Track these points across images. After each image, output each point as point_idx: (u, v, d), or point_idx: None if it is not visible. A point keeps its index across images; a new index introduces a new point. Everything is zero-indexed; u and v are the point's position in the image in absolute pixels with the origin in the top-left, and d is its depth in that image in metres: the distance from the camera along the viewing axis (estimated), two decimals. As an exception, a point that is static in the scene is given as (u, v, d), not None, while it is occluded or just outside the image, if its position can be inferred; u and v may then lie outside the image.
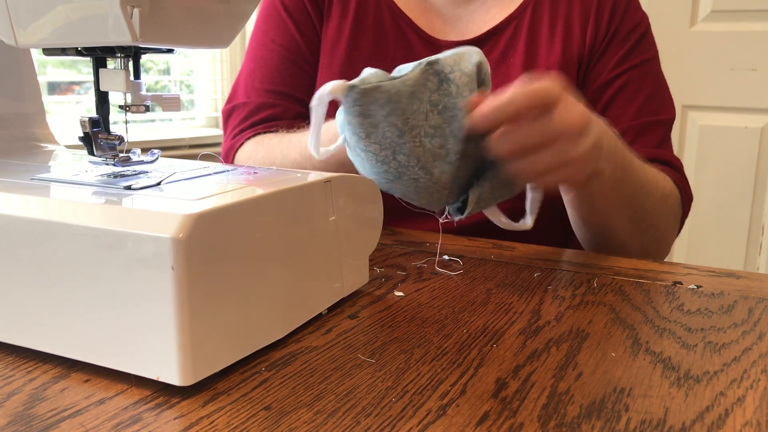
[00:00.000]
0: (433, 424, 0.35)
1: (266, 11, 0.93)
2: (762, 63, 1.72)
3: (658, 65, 0.87)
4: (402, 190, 0.61)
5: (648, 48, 0.86)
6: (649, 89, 0.84)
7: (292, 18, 0.90)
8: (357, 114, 0.55)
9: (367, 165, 0.59)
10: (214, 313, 0.38)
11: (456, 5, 0.89)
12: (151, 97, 0.50)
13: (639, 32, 0.85)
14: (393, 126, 0.56)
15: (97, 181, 0.47)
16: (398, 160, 0.58)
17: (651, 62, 0.86)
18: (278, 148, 0.82)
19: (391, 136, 0.57)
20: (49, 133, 0.63)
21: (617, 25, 0.85)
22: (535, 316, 0.51)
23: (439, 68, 0.56)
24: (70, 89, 1.98)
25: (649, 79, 0.84)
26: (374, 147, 0.58)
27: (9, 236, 0.41)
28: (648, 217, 0.74)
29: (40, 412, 0.35)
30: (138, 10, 0.41)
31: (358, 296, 0.54)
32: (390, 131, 0.56)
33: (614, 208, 0.70)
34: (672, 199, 0.77)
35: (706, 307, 0.54)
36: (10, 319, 0.42)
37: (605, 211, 0.70)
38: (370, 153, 0.58)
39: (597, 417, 0.36)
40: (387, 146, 0.57)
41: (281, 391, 0.38)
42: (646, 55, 0.85)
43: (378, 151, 0.58)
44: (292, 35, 0.90)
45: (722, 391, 0.40)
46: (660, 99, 0.85)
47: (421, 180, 0.59)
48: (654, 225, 0.75)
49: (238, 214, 0.40)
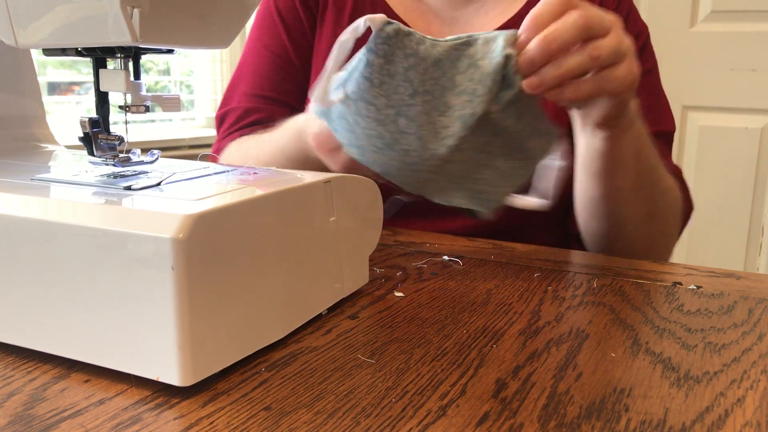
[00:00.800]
0: (433, 425, 0.35)
1: (261, 15, 0.94)
2: (762, 63, 1.72)
3: (658, 77, 0.87)
4: (386, 162, 0.59)
5: (648, 59, 0.86)
6: (648, 101, 0.84)
7: (284, 23, 0.91)
8: (381, 54, 0.54)
9: (362, 123, 0.56)
10: (214, 313, 0.38)
11: (453, 7, 0.89)
12: (151, 98, 0.50)
13: (639, 43, 0.85)
14: (409, 82, 0.55)
15: (97, 182, 0.47)
16: (398, 123, 0.56)
17: (650, 74, 0.85)
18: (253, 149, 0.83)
19: (403, 93, 0.55)
20: (49, 133, 0.63)
21: None
22: (535, 317, 0.51)
23: (471, 52, 0.55)
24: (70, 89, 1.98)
25: (647, 91, 0.84)
26: (381, 101, 0.56)
27: (9, 236, 0.41)
28: (660, 200, 0.74)
29: (40, 412, 0.35)
30: (138, 11, 0.41)
31: (358, 296, 0.54)
32: (404, 87, 0.55)
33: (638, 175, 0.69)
34: (676, 193, 0.78)
35: (706, 307, 0.54)
36: (10, 319, 0.42)
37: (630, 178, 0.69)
38: (373, 107, 0.56)
39: (597, 417, 0.36)
40: (394, 103, 0.56)
41: (281, 392, 0.38)
42: (645, 66, 0.85)
43: (383, 106, 0.56)
44: (282, 41, 0.91)
45: (722, 392, 0.40)
46: (658, 111, 0.85)
47: (412, 153, 0.57)
48: (662, 212, 0.75)
49: (238, 214, 0.40)
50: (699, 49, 1.79)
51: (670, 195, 0.76)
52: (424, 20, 0.88)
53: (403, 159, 0.58)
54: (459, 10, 0.88)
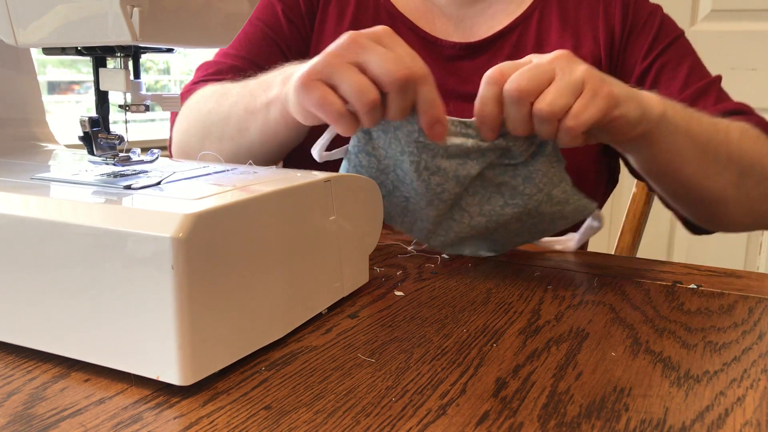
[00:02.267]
0: (433, 424, 0.35)
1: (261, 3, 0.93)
2: (762, 63, 1.72)
3: (688, 42, 0.86)
4: (389, 208, 0.62)
5: (671, 30, 0.85)
6: (688, 61, 0.83)
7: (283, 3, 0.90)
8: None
9: (363, 174, 0.59)
10: (214, 313, 0.38)
11: (460, 5, 0.88)
12: (150, 97, 0.50)
13: (656, 20, 0.85)
14: (397, 141, 0.57)
15: (97, 181, 0.47)
16: (396, 173, 0.59)
17: (680, 39, 0.85)
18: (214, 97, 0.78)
19: (395, 149, 0.57)
20: (49, 132, 0.63)
21: (631, 20, 0.85)
22: (535, 316, 0.51)
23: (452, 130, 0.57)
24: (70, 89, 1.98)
25: (684, 54, 0.84)
26: (380, 152, 0.58)
27: (9, 236, 0.41)
28: (745, 155, 0.70)
29: (39, 411, 0.35)
30: (138, 10, 0.41)
31: (358, 296, 0.54)
32: (395, 144, 0.57)
33: (704, 153, 0.67)
34: (753, 132, 0.73)
35: (706, 306, 0.54)
36: (10, 319, 0.42)
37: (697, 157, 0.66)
38: (374, 158, 0.58)
39: (597, 417, 0.36)
40: (390, 155, 0.58)
41: (281, 391, 0.38)
42: (672, 35, 0.85)
43: (382, 157, 0.58)
44: (278, 18, 0.89)
45: (722, 391, 0.40)
46: (701, 67, 0.84)
47: (411, 200, 0.60)
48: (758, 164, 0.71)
49: (237, 213, 0.40)
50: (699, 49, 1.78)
51: (748, 138, 0.72)
52: (428, 18, 0.88)
53: (405, 206, 0.61)
54: (465, 9, 0.88)
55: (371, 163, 0.59)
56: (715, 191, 0.69)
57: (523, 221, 0.61)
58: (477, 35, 0.87)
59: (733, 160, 0.69)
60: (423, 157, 0.56)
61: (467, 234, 0.62)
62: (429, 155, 0.57)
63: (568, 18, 0.86)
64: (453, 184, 0.58)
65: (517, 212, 0.59)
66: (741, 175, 0.70)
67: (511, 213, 0.60)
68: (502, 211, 0.60)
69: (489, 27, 0.87)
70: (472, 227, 0.62)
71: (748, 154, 0.71)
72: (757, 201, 0.72)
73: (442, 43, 0.86)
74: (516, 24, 0.86)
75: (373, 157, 0.59)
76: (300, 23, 0.90)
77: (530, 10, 0.86)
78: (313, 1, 0.90)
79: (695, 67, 0.84)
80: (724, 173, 0.69)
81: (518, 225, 0.61)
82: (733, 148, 0.69)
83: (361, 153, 0.59)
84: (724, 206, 0.71)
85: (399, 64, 0.53)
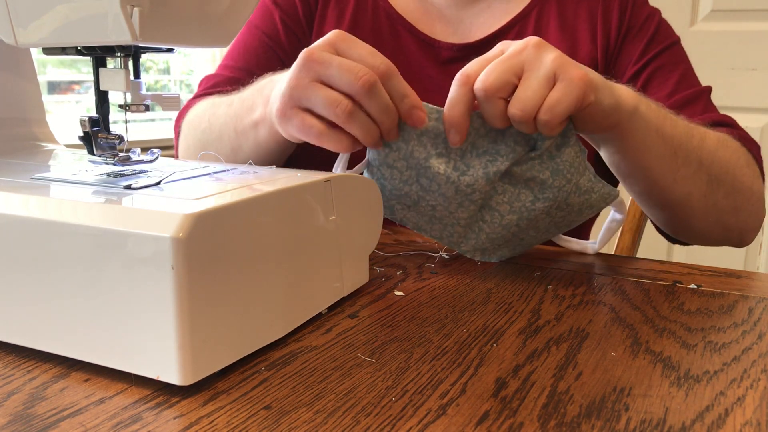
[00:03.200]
0: (433, 424, 0.35)
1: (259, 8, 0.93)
2: (762, 63, 1.72)
3: (683, 49, 0.86)
4: (416, 218, 0.62)
5: (667, 36, 0.85)
6: (680, 69, 0.83)
7: (280, 9, 0.90)
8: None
9: (388, 186, 0.59)
10: (214, 313, 0.38)
11: (459, 7, 0.88)
12: (151, 97, 0.50)
13: (653, 24, 0.85)
14: (422, 146, 0.57)
15: (97, 181, 0.47)
16: (420, 183, 0.59)
17: (675, 46, 0.85)
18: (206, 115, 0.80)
19: (419, 156, 0.57)
20: (49, 132, 0.63)
21: (627, 22, 0.84)
22: (535, 316, 0.51)
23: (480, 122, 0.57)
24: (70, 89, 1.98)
25: (677, 61, 0.83)
26: (401, 164, 0.58)
27: (9, 236, 0.41)
28: (716, 164, 0.69)
29: (39, 411, 0.35)
30: (138, 10, 0.41)
31: (358, 296, 0.54)
32: (418, 151, 0.57)
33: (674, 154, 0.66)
34: (732, 144, 0.73)
35: (706, 306, 0.54)
36: (10, 319, 0.42)
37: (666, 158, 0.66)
38: (396, 170, 0.58)
39: (597, 416, 0.36)
40: (412, 165, 0.58)
41: (281, 391, 0.38)
42: (667, 41, 0.84)
43: (404, 168, 0.58)
44: (275, 24, 0.90)
45: (722, 391, 0.40)
46: (693, 76, 0.84)
47: (439, 207, 0.60)
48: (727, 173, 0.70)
49: (237, 213, 0.40)
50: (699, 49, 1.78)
51: (725, 150, 0.71)
52: (427, 19, 0.88)
53: (432, 214, 0.61)
54: (464, 10, 0.88)
55: (393, 174, 0.59)
56: (682, 196, 0.68)
57: (553, 215, 0.61)
58: (475, 36, 0.87)
59: (703, 166, 0.68)
60: (452, 156, 0.57)
61: (498, 235, 0.62)
62: (458, 153, 0.57)
63: (566, 18, 0.85)
64: (483, 183, 0.57)
65: (547, 206, 0.59)
66: (710, 183, 0.69)
67: (542, 208, 0.59)
68: (533, 206, 0.59)
69: (488, 27, 0.87)
70: (503, 227, 0.61)
71: (720, 163, 0.70)
72: (725, 212, 0.71)
73: (439, 45, 0.86)
74: (514, 23, 0.86)
75: (394, 169, 0.58)
76: (298, 29, 0.90)
77: (529, 8, 0.86)
78: (311, 4, 0.90)
79: (687, 75, 0.83)
80: (693, 178, 0.68)
81: (548, 220, 0.61)
82: (706, 155, 0.68)
83: (382, 166, 0.58)
84: (690, 213, 0.70)
85: (358, 72, 0.53)
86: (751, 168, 0.74)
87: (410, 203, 0.60)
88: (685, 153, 0.67)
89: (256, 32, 0.91)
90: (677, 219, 0.72)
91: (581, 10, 0.86)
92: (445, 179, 0.57)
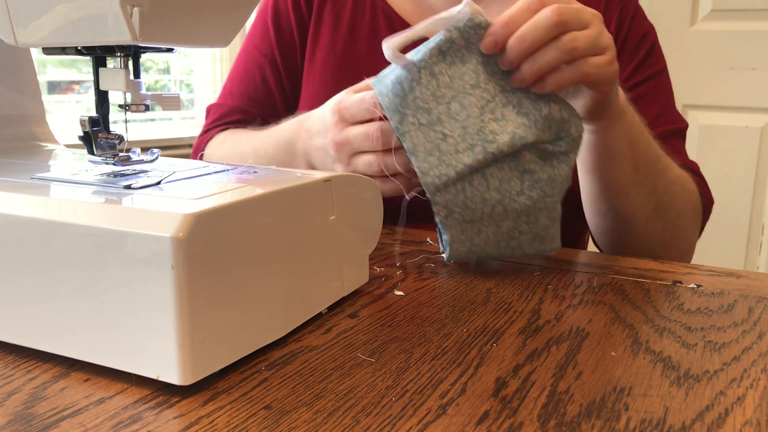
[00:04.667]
0: (433, 424, 0.35)
1: (258, 17, 0.96)
2: (762, 62, 1.72)
3: (668, 77, 0.87)
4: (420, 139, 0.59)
5: (657, 60, 0.86)
6: (661, 101, 0.84)
7: (277, 25, 0.92)
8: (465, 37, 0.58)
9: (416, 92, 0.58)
10: (214, 313, 0.38)
11: None
12: (151, 97, 0.50)
13: (647, 44, 0.85)
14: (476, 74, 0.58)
15: (97, 181, 0.47)
16: (450, 106, 0.58)
17: (661, 74, 0.85)
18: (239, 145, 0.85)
19: (467, 81, 0.58)
20: (49, 132, 0.63)
21: (624, 36, 0.84)
22: (535, 316, 0.51)
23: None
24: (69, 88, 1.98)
25: (660, 92, 0.84)
26: (444, 79, 0.58)
27: (9, 236, 0.41)
28: (667, 194, 0.72)
29: (39, 411, 0.35)
30: (138, 10, 0.41)
31: (358, 295, 0.54)
32: (469, 76, 0.58)
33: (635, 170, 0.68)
34: (690, 186, 0.76)
35: (706, 306, 0.54)
36: (10, 318, 0.42)
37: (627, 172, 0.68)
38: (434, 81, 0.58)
39: (597, 416, 0.36)
40: (454, 86, 0.58)
41: (281, 391, 0.38)
42: (656, 67, 0.85)
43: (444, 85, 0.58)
44: (271, 43, 0.93)
45: (722, 391, 0.40)
46: (672, 109, 0.85)
47: (449, 139, 0.58)
48: (673, 205, 0.73)
49: (238, 213, 0.40)
50: (699, 48, 1.79)
51: (681, 188, 0.74)
52: None
53: (438, 144, 0.58)
54: None
55: (430, 84, 0.57)
56: (629, 212, 0.71)
57: (518, 223, 0.60)
58: None
59: (656, 192, 0.71)
60: (497, 100, 0.58)
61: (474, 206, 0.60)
62: (503, 101, 0.58)
63: None
64: (506, 139, 0.57)
65: (525, 206, 0.59)
66: (657, 210, 0.72)
67: (519, 206, 0.59)
68: (516, 197, 0.59)
69: None
70: (483, 200, 0.59)
71: (671, 197, 0.72)
72: (658, 243, 0.74)
73: None
74: None
75: (435, 78, 0.57)
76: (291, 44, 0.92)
77: None
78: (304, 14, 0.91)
79: (666, 108, 0.84)
80: (644, 200, 0.71)
81: (510, 225, 0.61)
82: (663, 183, 0.71)
83: (424, 70, 0.57)
84: (629, 231, 0.73)
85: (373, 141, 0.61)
86: (695, 215, 0.78)
87: (425, 121, 0.58)
88: (646, 173, 0.69)
89: (254, 54, 0.95)
90: (616, 234, 0.75)
91: None
92: (477, 114, 0.57)
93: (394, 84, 0.58)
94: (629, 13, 0.85)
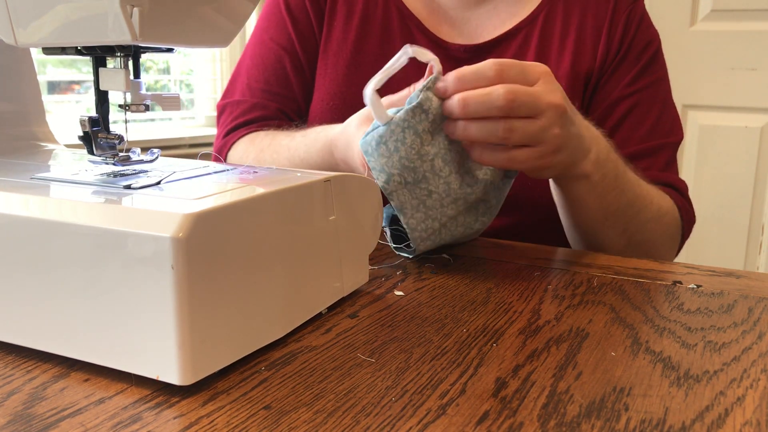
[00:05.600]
0: (433, 424, 0.35)
1: (268, 8, 0.93)
2: (762, 63, 1.72)
3: (668, 85, 0.87)
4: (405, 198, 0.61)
5: (659, 68, 0.86)
6: (658, 111, 0.84)
7: (292, 16, 0.90)
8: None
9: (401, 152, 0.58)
10: (214, 313, 0.38)
11: (465, 8, 0.88)
12: (150, 97, 0.50)
13: (651, 51, 0.85)
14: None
15: (97, 181, 0.47)
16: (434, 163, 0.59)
17: (661, 82, 0.85)
18: (268, 151, 0.83)
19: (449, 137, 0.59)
20: (49, 132, 0.63)
21: (630, 42, 0.84)
22: (534, 316, 0.51)
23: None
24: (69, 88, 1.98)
25: (658, 101, 0.84)
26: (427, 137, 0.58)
27: (9, 236, 0.41)
28: (640, 233, 0.73)
29: (39, 411, 0.35)
30: (138, 10, 0.41)
31: (358, 296, 0.54)
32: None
33: (604, 218, 0.70)
34: (668, 218, 0.76)
35: (706, 306, 0.54)
36: (10, 318, 0.42)
37: (595, 219, 0.70)
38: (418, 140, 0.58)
39: (597, 416, 0.36)
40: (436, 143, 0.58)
41: (281, 391, 0.38)
42: (657, 75, 0.85)
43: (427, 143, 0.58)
44: (289, 35, 0.90)
45: (722, 391, 0.40)
46: (669, 121, 0.85)
47: (434, 195, 0.60)
48: (647, 241, 0.75)
49: (237, 213, 0.40)
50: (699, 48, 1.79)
51: (657, 223, 0.75)
52: (434, 19, 0.88)
53: (424, 200, 0.61)
54: (470, 11, 0.88)
55: (414, 143, 0.57)
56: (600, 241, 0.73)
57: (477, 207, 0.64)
58: (482, 37, 0.87)
59: (627, 232, 0.73)
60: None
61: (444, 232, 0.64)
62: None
63: (572, 26, 0.85)
64: (481, 187, 0.60)
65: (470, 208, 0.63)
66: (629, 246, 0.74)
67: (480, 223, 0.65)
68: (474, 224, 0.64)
69: (494, 29, 0.87)
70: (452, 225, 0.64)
71: (645, 234, 0.74)
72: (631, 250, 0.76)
73: (449, 47, 0.86)
74: (521, 27, 0.86)
75: (418, 137, 0.57)
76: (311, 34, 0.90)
77: (535, 13, 0.86)
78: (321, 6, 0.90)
79: (662, 118, 0.84)
80: (615, 238, 0.72)
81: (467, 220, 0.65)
82: (636, 225, 0.73)
83: (407, 130, 0.57)
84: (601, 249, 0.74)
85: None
86: (672, 243, 0.79)
87: (411, 180, 0.59)
88: (615, 219, 0.71)
89: (271, 45, 0.91)
90: (590, 247, 0.76)
91: (588, 19, 0.85)
92: (457, 168, 0.59)
93: (378, 143, 0.58)
94: (636, 18, 0.85)
